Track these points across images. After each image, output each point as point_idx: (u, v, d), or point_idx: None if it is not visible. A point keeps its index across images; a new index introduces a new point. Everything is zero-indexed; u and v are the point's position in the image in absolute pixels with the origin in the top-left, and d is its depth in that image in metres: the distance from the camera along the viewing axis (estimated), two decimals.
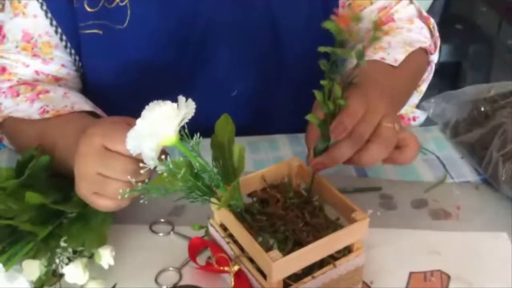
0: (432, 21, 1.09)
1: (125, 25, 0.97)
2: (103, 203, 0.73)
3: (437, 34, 1.09)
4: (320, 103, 0.72)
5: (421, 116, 1.18)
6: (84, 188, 0.73)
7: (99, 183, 0.71)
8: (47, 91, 0.94)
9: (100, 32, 0.98)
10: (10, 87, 0.97)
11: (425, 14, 1.10)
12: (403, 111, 1.11)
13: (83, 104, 0.92)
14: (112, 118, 0.78)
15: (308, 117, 0.73)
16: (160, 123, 0.63)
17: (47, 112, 0.89)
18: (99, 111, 0.94)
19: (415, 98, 1.10)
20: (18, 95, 0.95)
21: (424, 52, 1.03)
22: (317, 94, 0.71)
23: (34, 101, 0.93)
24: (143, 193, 0.68)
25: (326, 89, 0.71)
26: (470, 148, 1.02)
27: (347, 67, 0.99)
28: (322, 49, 0.69)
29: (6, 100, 0.96)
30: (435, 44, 1.07)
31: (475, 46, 2.58)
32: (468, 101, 1.07)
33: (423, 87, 1.10)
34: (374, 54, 0.94)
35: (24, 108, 0.93)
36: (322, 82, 0.70)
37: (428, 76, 1.09)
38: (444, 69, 2.58)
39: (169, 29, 0.99)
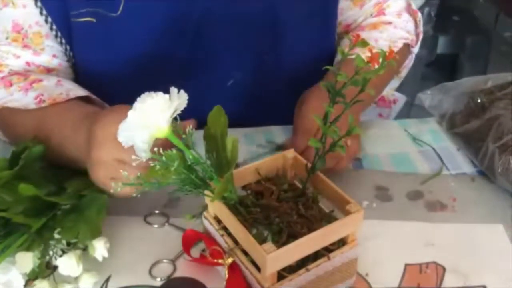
0: (419, 15, 1.17)
1: (118, 12, 0.96)
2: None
3: (421, 28, 1.17)
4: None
5: (400, 99, 1.25)
6: (102, 174, 0.74)
7: (117, 169, 0.72)
8: (40, 80, 0.94)
9: (93, 20, 0.97)
10: (2, 78, 0.96)
11: (413, 7, 1.17)
12: (384, 93, 1.20)
13: (78, 90, 0.92)
14: (125, 105, 0.78)
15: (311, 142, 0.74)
16: (152, 115, 0.63)
17: (44, 101, 0.89)
18: (93, 96, 0.94)
19: (395, 82, 1.21)
20: (11, 85, 0.94)
21: (406, 45, 1.13)
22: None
23: (28, 91, 0.92)
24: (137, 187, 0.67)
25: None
26: (466, 140, 1.01)
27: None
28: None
29: None
30: (417, 36, 1.16)
31: (473, 38, 2.57)
32: (465, 93, 1.07)
33: (403, 73, 1.21)
34: (362, 54, 0.97)
35: (19, 97, 0.92)
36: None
37: (409, 63, 1.20)
38: (441, 61, 2.58)
39: (165, 17, 0.98)
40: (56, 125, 0.85)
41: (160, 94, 0.63)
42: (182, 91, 0.65)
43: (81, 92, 0.92)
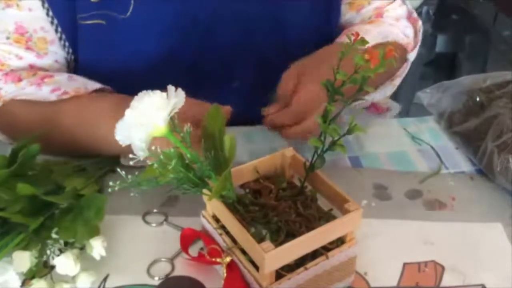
0: (419, 23, 1.15)
1: (128, 14, 0.96)
2: None
3: (420, 37, 1.14)
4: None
5: (394, 109, 1.23)
6: None
7: None
8: (51, 76, 0.94)
9: (104, 22, 0.96)
10: (6, 74, 0.95)
11: (414, 15, 1.15)
12: (375, 100, 1.18)
13: (92, 83, 0.94)
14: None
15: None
16: (150, 113, 0.62)
17: (67, 93, 0.90)
18: (107, 87, 0.96)
19: (388, 90, 1.16)
20: (20, 80, 0.93)
21: (402, 48, 1.09)
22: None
23: (41, 85, 0.92)
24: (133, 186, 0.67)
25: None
26: (465, 139, 1.01)
27: None
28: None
29: (6, 85, 0.93)
30: (415, 44, 1.13)
31: (471, 37, 2.57)
32: (464, 91, 1.06)
33: (397, 81, 1.15)
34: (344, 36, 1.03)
35: (32, 91, 0.92)
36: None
37: (403, 72, 1.15)
38: (440, 59, 2.58)
39: (173, 19, 0.99)
40: (96, 117, 0.87)
41: (158, 92, 0.63)
42: (179, 89, 0.64)
43: (96, 85, 0.93)
